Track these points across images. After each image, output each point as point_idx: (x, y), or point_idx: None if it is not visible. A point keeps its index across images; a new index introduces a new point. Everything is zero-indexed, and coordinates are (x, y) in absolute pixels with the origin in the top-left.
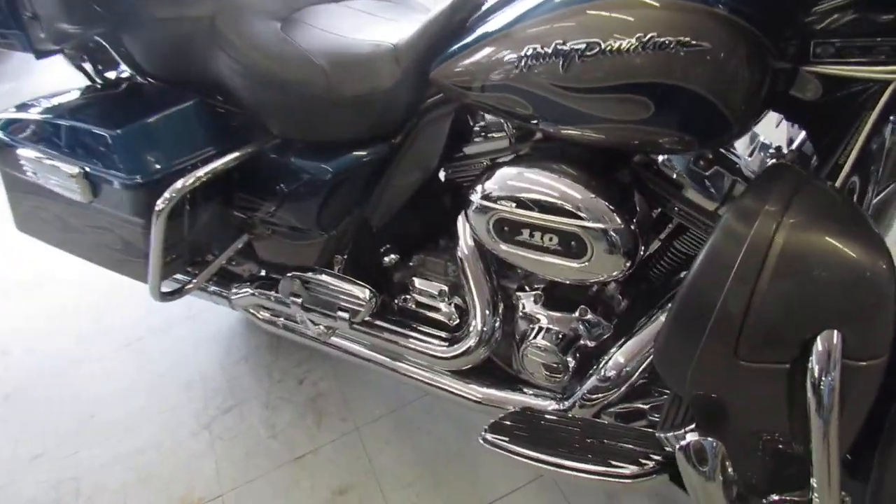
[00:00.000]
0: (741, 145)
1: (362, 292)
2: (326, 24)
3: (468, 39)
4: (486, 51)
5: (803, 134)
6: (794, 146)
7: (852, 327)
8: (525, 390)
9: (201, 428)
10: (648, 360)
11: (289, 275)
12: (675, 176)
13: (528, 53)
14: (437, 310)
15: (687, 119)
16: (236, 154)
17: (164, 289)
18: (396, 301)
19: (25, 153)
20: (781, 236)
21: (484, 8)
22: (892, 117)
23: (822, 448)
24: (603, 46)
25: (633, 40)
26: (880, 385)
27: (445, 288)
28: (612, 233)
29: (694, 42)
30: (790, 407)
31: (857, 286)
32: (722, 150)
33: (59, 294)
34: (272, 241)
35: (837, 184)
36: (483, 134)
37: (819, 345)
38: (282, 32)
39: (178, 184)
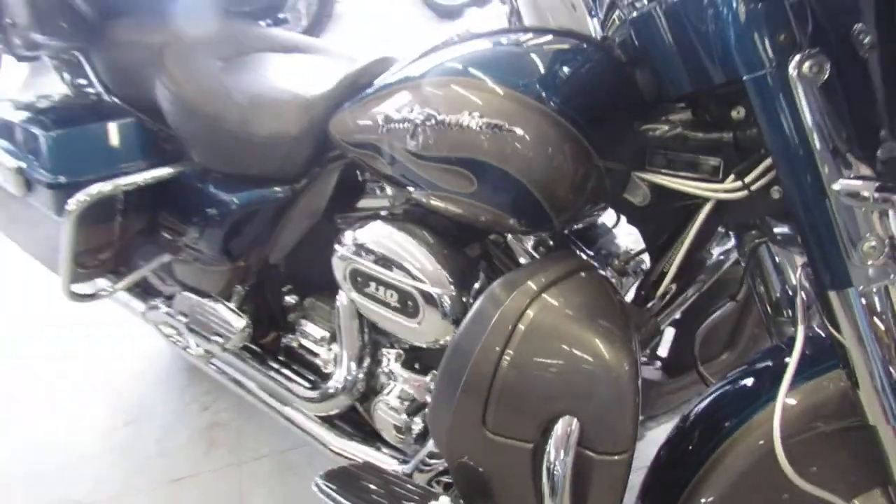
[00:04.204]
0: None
1: (237, 321)
2: (260, 70)
3: (359, 96)
4: (364, 109)
5: None
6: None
7: (591, 418)
8: (381, 447)
9: (100, 436)
10: None
11: (183, 293)
12: (518, 256)
13: (391, 115)
14: (317, 355)
15: (505, 201)
16: (158, 171)
17: (80, 290)
18: (285, 340)
19: None
20: (532, 312)
21: (391, 69)
22: (723, 231)
23: None
24: (439, 118)
25: (466, 117)
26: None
27: (328, 334)
28: (442, 298)
29: (516, 130)
30: (535, 489)
31: (596, 378)
32: (573, 238)
33: None
34: (187, 262)
35: (659, 291)
36: (376, 189)
37: (559, 429)
38: (217, 71)
39: (94, 188)
